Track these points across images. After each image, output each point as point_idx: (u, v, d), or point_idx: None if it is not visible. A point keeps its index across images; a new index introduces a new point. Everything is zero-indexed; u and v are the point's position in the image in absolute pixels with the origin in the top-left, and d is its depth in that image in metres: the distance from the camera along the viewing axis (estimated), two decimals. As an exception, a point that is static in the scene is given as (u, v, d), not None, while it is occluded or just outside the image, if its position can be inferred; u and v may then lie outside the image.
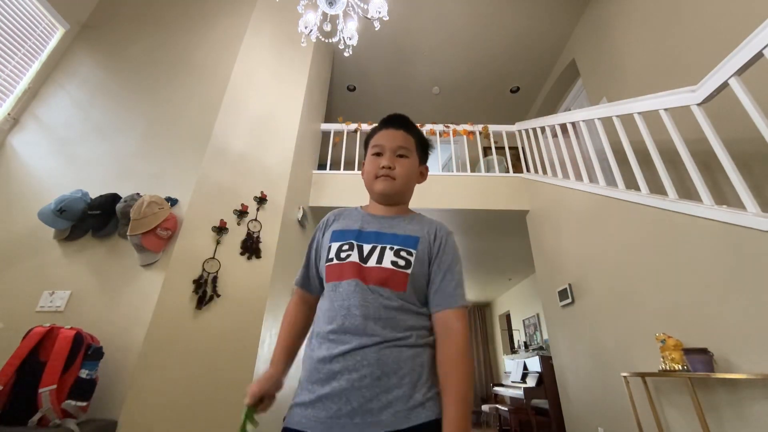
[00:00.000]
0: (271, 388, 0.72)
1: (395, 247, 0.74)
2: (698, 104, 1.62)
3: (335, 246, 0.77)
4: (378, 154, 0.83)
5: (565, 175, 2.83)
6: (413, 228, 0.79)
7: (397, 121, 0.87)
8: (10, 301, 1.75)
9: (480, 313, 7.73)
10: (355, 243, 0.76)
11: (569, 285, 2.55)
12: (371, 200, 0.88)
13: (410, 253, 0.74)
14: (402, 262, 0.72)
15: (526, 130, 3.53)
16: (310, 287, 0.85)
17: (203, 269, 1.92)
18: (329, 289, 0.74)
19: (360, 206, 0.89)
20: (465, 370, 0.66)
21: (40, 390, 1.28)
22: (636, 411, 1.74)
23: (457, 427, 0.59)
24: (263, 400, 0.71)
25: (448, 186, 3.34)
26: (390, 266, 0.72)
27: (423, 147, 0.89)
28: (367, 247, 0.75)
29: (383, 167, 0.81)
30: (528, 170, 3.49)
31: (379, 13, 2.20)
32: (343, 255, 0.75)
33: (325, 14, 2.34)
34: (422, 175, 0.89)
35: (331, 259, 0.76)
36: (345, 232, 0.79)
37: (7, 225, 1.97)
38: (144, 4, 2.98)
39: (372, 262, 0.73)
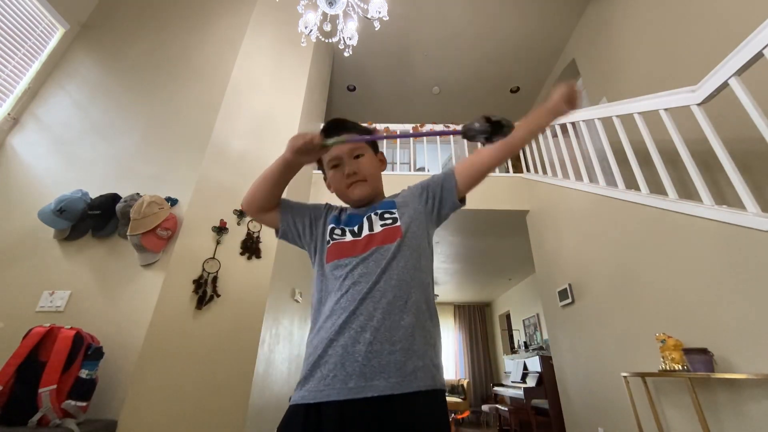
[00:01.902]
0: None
1: (379, 212, 0.81)
2: (698, 104, 1.62)
3: (329, 228, 0.82)
4: (336, 166, 0.85)
5: (565, 175, 2.82)
6: (388, 199, 0.87)
7: (336, 128, 0.86)
8: (10, 301, 1.75)
9: (480, 313, 7.73)
10: (346, 228, 0.81)
11: (569, 285, 2.55)
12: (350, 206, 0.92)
13: (392, 212, 0.80)
14: (390, 220, 0.79)
15: (526, 130, 3.52)
16: (283, 205, 0.87)
17: (203, 269, 1.92)
18: (331, 268, 0.77)
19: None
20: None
21: (40, 390, 1.28)
22: (636, 411, 1.74)
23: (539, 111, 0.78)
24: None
25: (448, 186, 3.33)
26: (381, 228, 0.78)
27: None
28: (356, 227, 0.81)
29: (349, 174, 0.83)
30: (528, 170, 3.49)
31: (379, 13, 2.20)
32: (336, 236, 0.80)
33: (325, 14, 2.34)
34: (381, 162, 0.93)
35: (329, 241, 0.80)
36: (337, 218, 0.85)
37: (7, 225, 1.97)
38: (144, 4, 2.98)
39: (365, 232, 0.78)
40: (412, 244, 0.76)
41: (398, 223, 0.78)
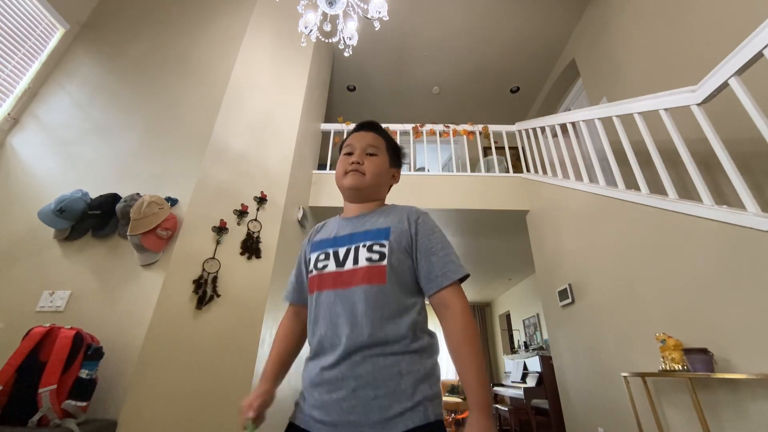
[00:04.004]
0: (266, 403, 0.74)
1: (368, 243, 0.75)
2: (698, 104, 1.61)
3: (314, 256, 0.80)
4: (349, 154, 0.85)
5: (565, 175, 2.82)
6: (384, 220, 0.80)
7: (367, 125, 0.90)
8: (10, 301, 1.75)
9: (480, 313, 7.73)
10: (330, 251, 0.77)
11: (569, 285, 2.55)
12: (345, 203, 0.89)
13: (383, 245, 0.74)
14: (376, 256, 0.73)
15: (526, 130, 3.52)
16: (302, 299, 0.85)
17: (203, 269, 1.92)
18: (312, 300, 0.76)
19: (339, 215, 0.90)
20: (472, 345, 0.67)
21: (40, 390, 1.28)
22: (636, 411, 1.74)
23: (484, 405, 0.62)
24: (260, 415, 0.74)
25: (448, 186, 3.34)
26: (366, 263, 0.72)
27: (394, 150, 0.90)
28: (342, 251, 0.76)
29: (352, 162, 0.83)
30: (528, 170, 3.48)
31: (379, 13, 2.20)
32: (320, 265, 0.77)
33: (325, 14, 2.34)
34: (394, 177, 0.91)
35: (311, 271, 0.78)
36: (322, 242, 0.81)
37: (7, 225, 1.97)
38: (144, 4, 2.98)
39: (349, 265, 0.74)
40: (395, 279, 0.72)
41: (384, 262, 0.72)
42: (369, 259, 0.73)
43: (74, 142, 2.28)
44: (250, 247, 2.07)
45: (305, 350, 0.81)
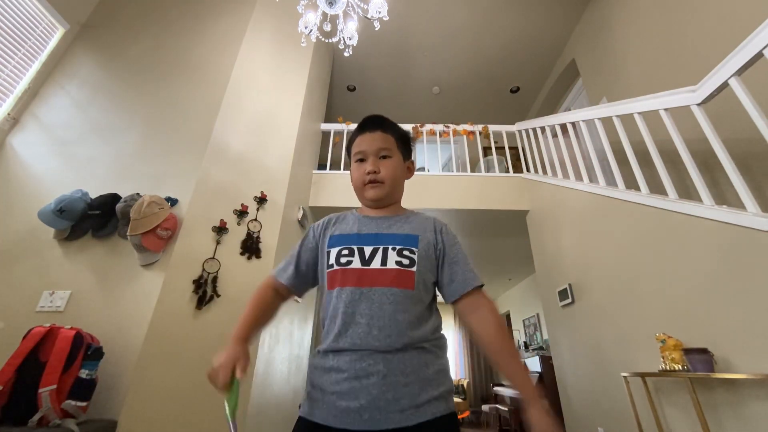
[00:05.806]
0: (241, 361, 0.69)
1: (397, 247, 0.75)
2: (698, 104, 1.61)
3: (335, 251, 0.77)
4: (361, 161, 0.83)
5: (565, 175, 2.82)
6: (411, 227, 0.80)
7: (373, 123, 0.85)
8: (10, 301, 1.75)
9: (480, 313, 7.73)
10: (355, 247, 0.76)
11: (569, 285, 2.54)
12: (363, 204, 0.88)
13: (413, 252, 0.75)
14: (407, 261, 0.74)
15: (526, 130, 3.52)
16: (289, 280, 0.83)
17: (203, 269, 1.92)
18: (333, 295, 0.73)
19: (354, 209, 0.89)
20: (511, 343, 0.73)
21: (40, 390, 1.28)
22: (636, 411, 1.74)
23: (537, 399, 0.65)
24: (234, 378, 0.69)
25: (448, 186, 3.34)
26: (396, 266, 0.73)
27: (404, 142, 0.87)
28: (368, 250, 0.75)
29: (369, 173, 0.81)
30: (528, 170, 3.48)
31: (379, 13, 2.20)
32: (343, 260, 0.75)
33: (325, 14, 2.34)
34: (409, 170, 0.89)
35: (332, 265, 0.76)
36: (343, 236, 0.79)
37: (7, 225, 1.97)
38: (144, 4, 2.98)
39: (376, 264, 0.73)
40: (422, 286, 0.75)
41: (413, 268, 0.73)
42: (399, 263, 0.73)
43: (74, 142, 2.28)
44: (250, 247, 2.07)
45: (304, 347, 0.81)
